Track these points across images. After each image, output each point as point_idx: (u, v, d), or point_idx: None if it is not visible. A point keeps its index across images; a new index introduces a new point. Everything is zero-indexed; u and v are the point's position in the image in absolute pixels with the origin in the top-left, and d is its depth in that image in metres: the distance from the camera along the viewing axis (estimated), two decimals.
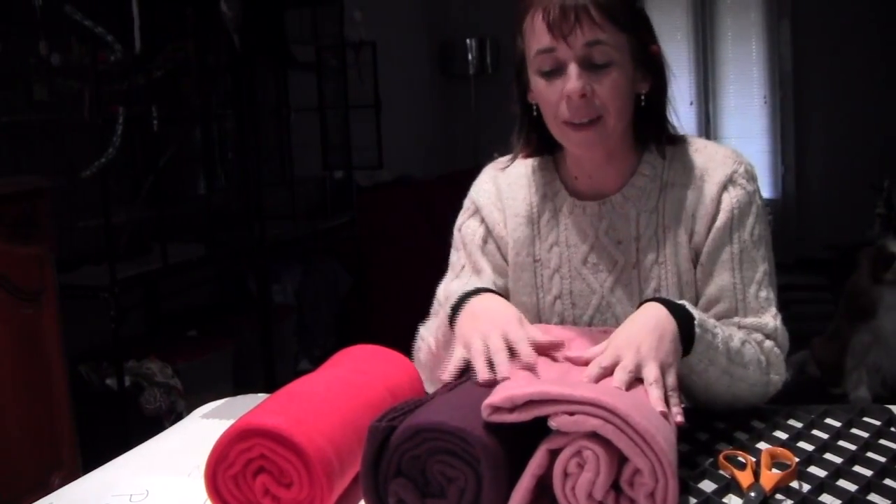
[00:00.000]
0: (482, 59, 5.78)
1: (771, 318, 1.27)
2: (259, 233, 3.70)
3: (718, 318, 1.26)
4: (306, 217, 4.21)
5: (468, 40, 5.79)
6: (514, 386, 0.93)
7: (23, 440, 2.35)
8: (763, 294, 1.28)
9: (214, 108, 3.69)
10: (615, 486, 0.89)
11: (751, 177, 1.31)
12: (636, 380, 1.01)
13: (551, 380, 0.97)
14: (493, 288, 1.34)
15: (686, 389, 1.17)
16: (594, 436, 0.88)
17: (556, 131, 1.28)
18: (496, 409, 0.90)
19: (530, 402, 0.89)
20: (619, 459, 0.88)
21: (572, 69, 1.20)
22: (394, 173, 4.98)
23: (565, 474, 0.88)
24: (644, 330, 1.07)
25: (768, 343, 1.26)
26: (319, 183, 4.50)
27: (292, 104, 4.16)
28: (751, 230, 1.28)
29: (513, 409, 0.90)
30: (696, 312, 1.13)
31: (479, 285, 1.31)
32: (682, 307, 1.13)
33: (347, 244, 4.37)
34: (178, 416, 2.90)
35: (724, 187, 1.29)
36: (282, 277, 4.06)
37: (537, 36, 1.22)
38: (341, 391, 1.08)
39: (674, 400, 1.00)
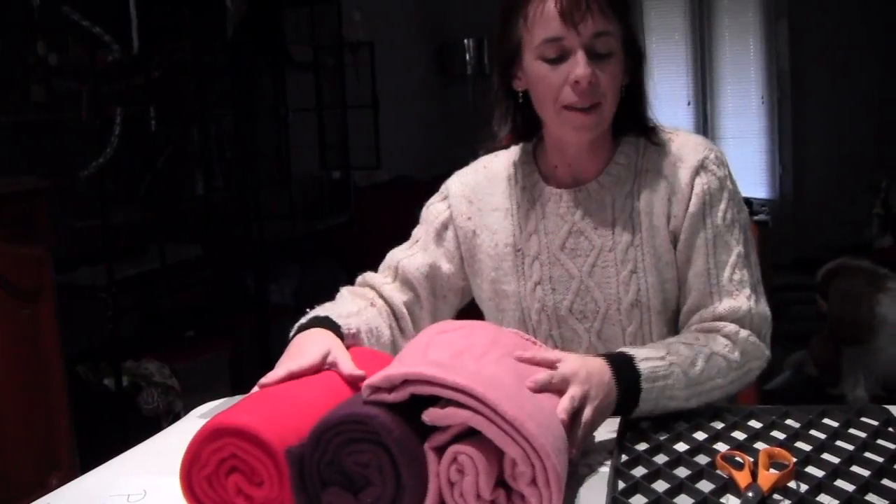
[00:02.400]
0: (480, 60, 5.79)
1: (745, 300, 1.29)
2: (257, 233, 3.70)
3: (695, 305, 1.31)
4: (304, 217, 4.21)
5: (466, 40, 5.80)
6: (394, 366, 0.95)
7: (21, 440, 2.35)
8: (737, 276, 1.31)
9: (212, 108, 3.69)
10: (505, 486, 0.90)
11: (721, 162, 1.35)
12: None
13: (435, 362, 0.97)
14: (427, 269, 1.47)
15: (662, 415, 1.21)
16: (467, 437, 0.89)
17: (553, 115, 1.31)
18: (375, 388, 0.92)
19: (406, 382, 0.91)
20: (499, 456, 0.90)
21: (581, 56, 1.24)
22: (391, 173, 4.98)
23: (450, 483, 0.90)
24: (598, 379, 1.10)
25: (743, 333, 1.27)
26: (317, 183, 4.51)
27: (290, 104, 4.16)
28: (723, 214, 1.32)
29: (391, 388, 0.92)
30: (642, 367, 1.15)
31: (414, 262, 1.48)
32: (633, 364, 1.15)
33: (345, 244, 4.37)
34: (176, 417, 2.90)
35: (697, 172, 1.33)
36: (279, 277, 4.06)
37: (545, 23, 1.26)
38: (319, 391, 1.08)
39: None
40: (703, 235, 1.31)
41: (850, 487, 0.95)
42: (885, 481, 0.96)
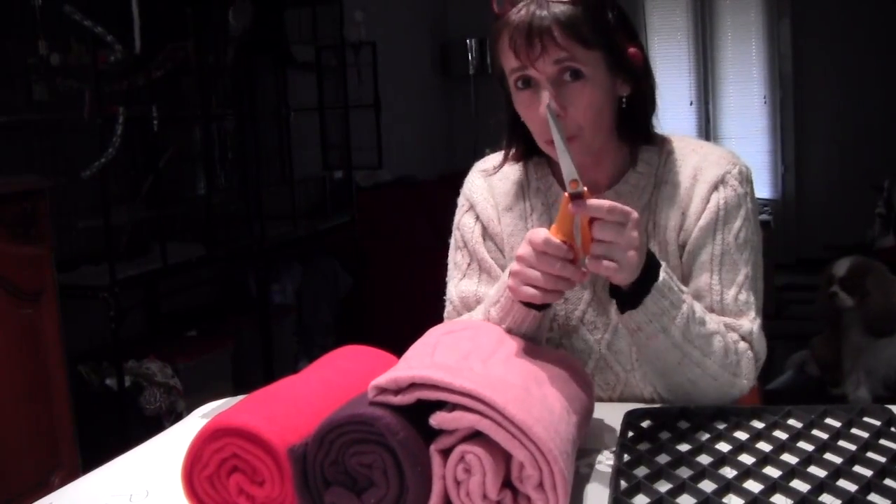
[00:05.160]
0: (482, 59, 5.78)
1: (748, 322, 1.27)
2: (259, 233, 3.70)
3: None
4: (306, 217, 4.21)
5: (468, 40, 5.80)
6: (401, 368, 0.95)
7: (23, 440, 2.35)
8: (743, 297, 1.27)
9: (214, 108, 3.69)
10: (511, 487, 0.90)
11: (744, 179, 1.31)
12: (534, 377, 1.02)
13: (442, 365, 0.97)
14: None
15: (639, 352, 1.22)
16: (475, 438, 0.89)
17: (541, 146, 1.28)
18: (381, 390, 0.92)
19: (413, 385, 0.91)
20: (506, 457, 0.90)
21: (545, 88, 1.19)
22: (393, 173, 4.98)
23: (457, 482, 0.90)
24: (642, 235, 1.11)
25: (743, 345, 1.25)
26: (319, 183, 4.51)
27: (292, 104, 4.16)
28: (736, 232, 1.28)
29: (397, 391, 0.91)
30: (664, 274, 1.15)
31: (487, 287, 1.37)
32: (658, 264, 1.15)
33: (347, 244, 4.38)
34: (178, 417, 2.90)
35: (715, 187, 1.29)
36: (281, 277, 4.07)
37: (507, 57, 1.22)
38: (321, 391, 1.08)
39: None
40: (709, 250, 1.28)
41: (852, 487, 0.95)
42: (888, 481, 0.96)
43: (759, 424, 1.13)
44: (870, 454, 1.03)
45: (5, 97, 2.83)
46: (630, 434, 1.12)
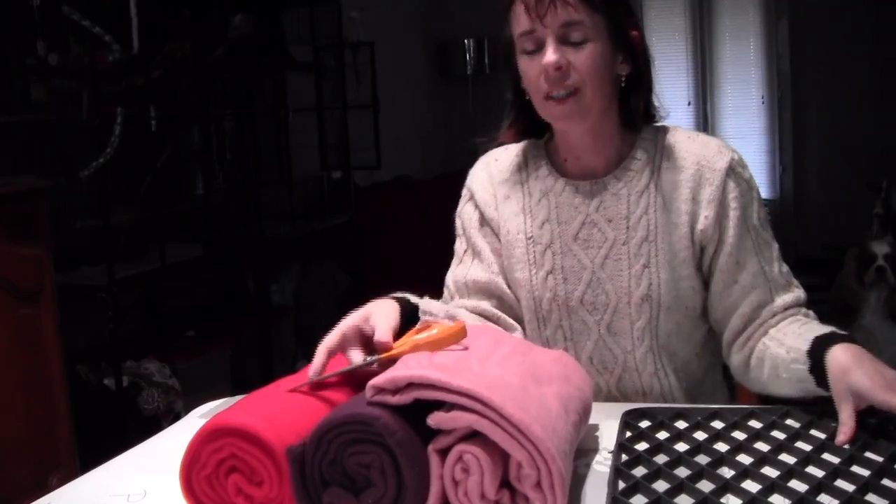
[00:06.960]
0: (480, 60, 5.79)
1: (797, 289, 1.36)
2: (257, 233, 3.70)
3: (757, 303, 1.33)
4: (304, 217, 4.21)
5: (466, 40, 5.80)
6: (399, 368, 0.95)
7: (21, 440, 2.35)
8: (785, 269, 1.36)
9: (213, 108, 3.69)
10: (510, 487, 0.90)
11: (744, 164, 1.38)
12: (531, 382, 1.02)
13: (440, 365, 0.97)
14: (492, 269, 1.44)
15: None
16: (473, 437, 0.89)
17: (540, 108, 1.34)
18: (379, 390, 0.92)
19: (411, 385, 0.91)
20: (504, 457, 0.89)
21: (549, 44, 1.28)
22: (391, 173, 4.98)
23: (455, 482, 0.90)
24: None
25: (811, 313, 1.34)
26: (317, 183, 4.51)
27: (290, 104, 4.16)
28: (757, 215, 1.36)
29: (395, 391, 0.91)
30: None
31: (478, 271, 1.45)
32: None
33: (345, 244, 4.37)
34: (176, 417, 2.90)
35: (727, 175, 1.34)
36: (280, 277, 4.07)
37: (519, 20, 1.31)
38: (319, 391, 1.08)
39: None
40: (749, 238, 1.34)
41: (850, 487, 0.95)
42: (886, 481, 0.96)
43: (757, 424, 1.14)
44: (868, 454, 1.03)
45: (4, 97, 2.83)
46: (628, 434, 1.12)
